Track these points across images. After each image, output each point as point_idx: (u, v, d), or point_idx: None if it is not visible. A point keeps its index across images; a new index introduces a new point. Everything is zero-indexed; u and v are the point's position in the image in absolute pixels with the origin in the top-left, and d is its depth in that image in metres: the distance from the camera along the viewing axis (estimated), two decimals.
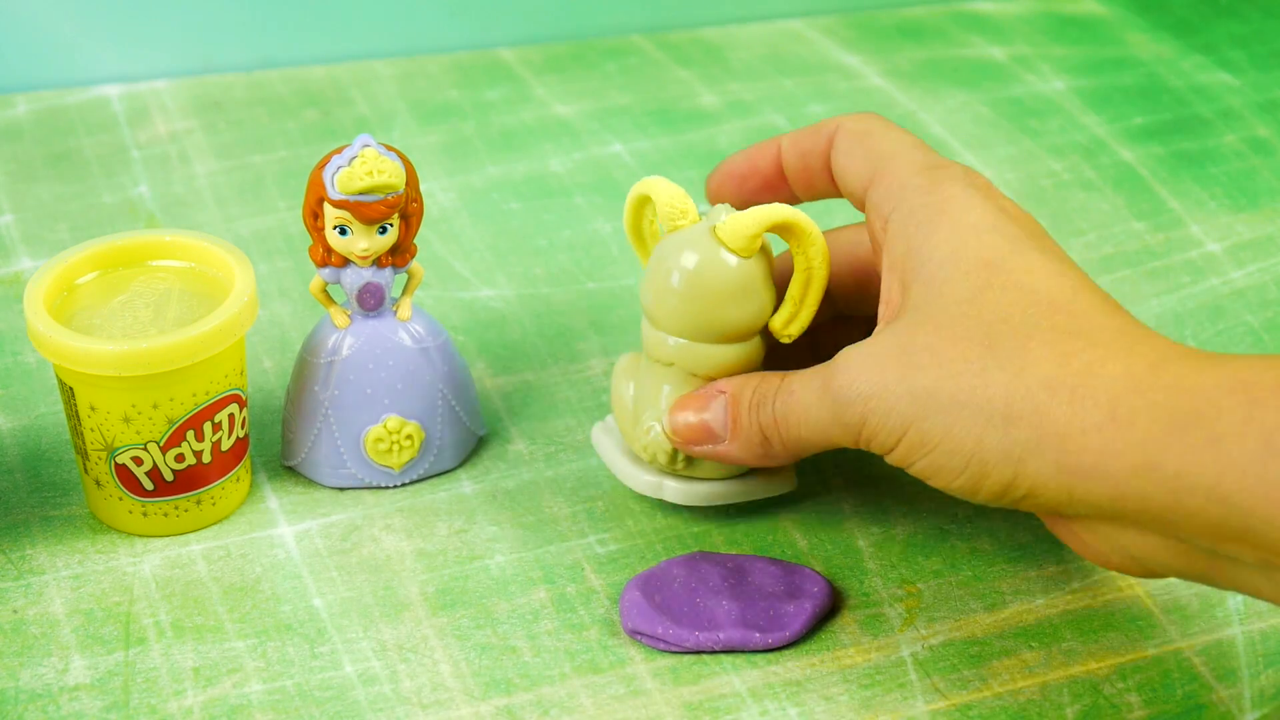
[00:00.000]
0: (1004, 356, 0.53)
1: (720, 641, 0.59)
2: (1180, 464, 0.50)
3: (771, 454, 0.60)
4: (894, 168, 0.60)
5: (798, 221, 0.60)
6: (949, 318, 0.55)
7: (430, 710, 0.58)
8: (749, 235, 0.60)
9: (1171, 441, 0.50)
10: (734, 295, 0.60)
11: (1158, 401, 0.51)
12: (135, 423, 0.62)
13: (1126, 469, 0.51)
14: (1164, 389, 0.51)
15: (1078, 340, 0.53)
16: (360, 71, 0.94)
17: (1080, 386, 0.52)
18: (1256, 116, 0.90)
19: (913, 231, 0.58)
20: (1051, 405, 0.52)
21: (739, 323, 0.61)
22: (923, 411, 0.54)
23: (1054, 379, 0.52)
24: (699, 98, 0.92)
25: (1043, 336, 0.53)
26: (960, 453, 0.54)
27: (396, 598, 0.62)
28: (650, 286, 0.61)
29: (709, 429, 0.60)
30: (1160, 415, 0.50)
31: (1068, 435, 0.52)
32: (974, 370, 0.54)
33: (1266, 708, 0.58)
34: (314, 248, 0.64)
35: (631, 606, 0.60)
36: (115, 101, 0.91)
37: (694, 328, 0.61)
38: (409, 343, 0.65)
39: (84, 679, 0.59)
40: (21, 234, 0.81)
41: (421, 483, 0.67)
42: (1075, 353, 0.53)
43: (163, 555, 0.64)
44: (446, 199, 0.83)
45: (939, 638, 0.60)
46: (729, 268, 0.60)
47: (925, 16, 1.00)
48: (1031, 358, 0.53)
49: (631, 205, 0.63)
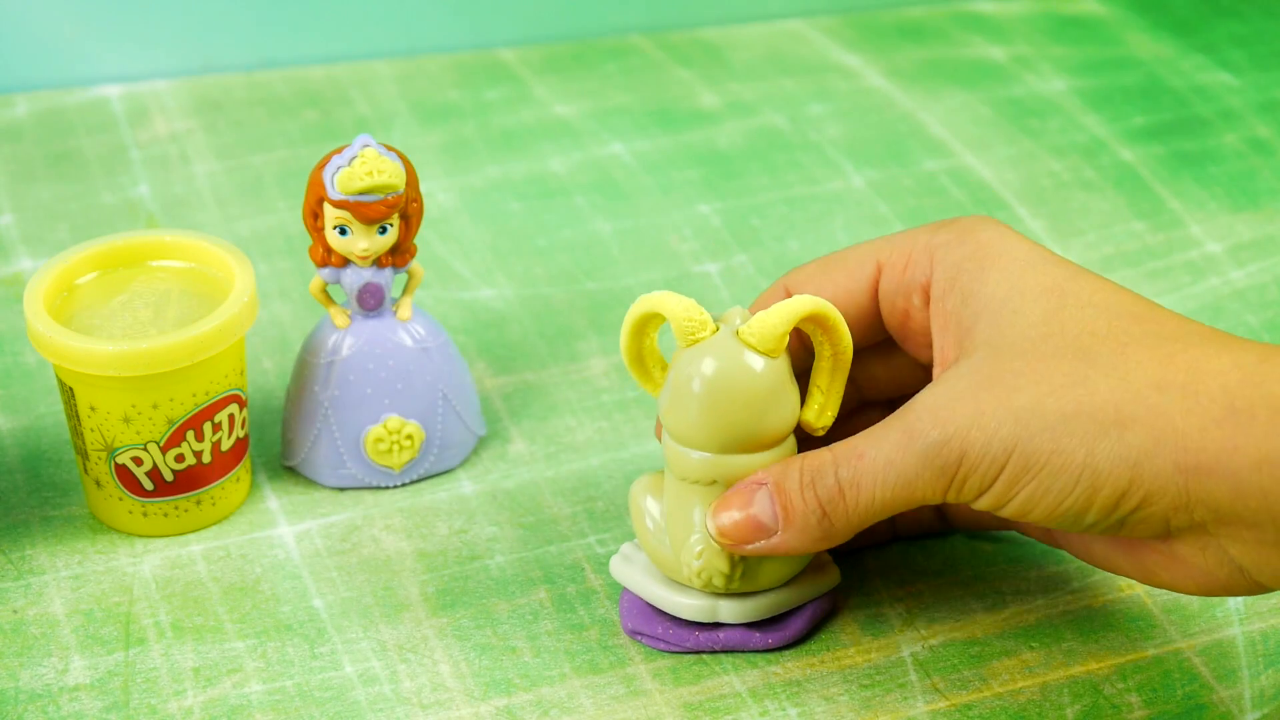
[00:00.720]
0: (1104, 365, 0.52)
1: (720, 642, 0.59)
2: None
3: (831, 532, 0.56)
4: (898, 250, 0.58)
5: (826, 312, 0.57)
6: (1030, 341, 0.53)
7: (430, 710, 0.58)
8: (778, 335, 0.56)
9: None
10: (768, 399, 0.56)
11: (1276, 393, 0.50)
12: (135, 423, 0.62)
13: (1249, 464, 0.50)
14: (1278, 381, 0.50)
15: (1175, 343, 0.52)
16: (360, 71, 0.94)
17: (1192, 383, 0.51)
18: (1256, 116, 0.90)
19: (964, 282, 0.56)
20: (1166, 404, 0.51)
21: (775, 426, 0.57)
22: (1027, 431, 0.52)
23: (1163, 379, 0.51)
24: (699, 98, 0.92)
25: (1138, 342, 0.52)
26: (1070, 468, 0.52)
27: (396, 598, 0.62)
28: (674, 404, 0.57)
29: (758, 523, 0.56)
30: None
31: (1186, 433, 0.51)
32: (1075, 381, 0.52)
33: (1267, 708, 0.58)
34: (314, 248, 0.64)
35: (631, 606, 0.60)
36: (115, 101, 0.91)
37: (728, 440, 0.56)
38: (409, 343, 0.65)
39: (84, 679, 0.59)
40: (21, 234, 0.81)
41: (421, 483, 0.67)
42: (1176, 353, 0.52)
43: (163, 555, 0.64)
44: (446, 199, 0.83)
45: (939, 638, 0.60)
46: (758, 372, 0.56)
47: (925, 17, 1.00)
48: (1133, 362, 0.52)
49: (632, 324, 0.58)
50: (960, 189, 0.84)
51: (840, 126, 0.89)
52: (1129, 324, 0.53)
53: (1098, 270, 0.78)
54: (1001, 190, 0.84)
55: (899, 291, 0.58)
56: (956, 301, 0.56)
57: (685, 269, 0.79)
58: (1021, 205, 0.83)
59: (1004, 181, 0.85)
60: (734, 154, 0.87)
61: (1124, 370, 0.52)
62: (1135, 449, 0.51)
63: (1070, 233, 0.81)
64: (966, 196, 0.84)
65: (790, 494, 0.56)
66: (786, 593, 0.59)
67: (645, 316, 0.57)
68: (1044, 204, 0.83)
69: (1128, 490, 0.51)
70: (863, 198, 0.84)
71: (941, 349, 0.57)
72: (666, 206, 0.83)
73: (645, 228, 0.81)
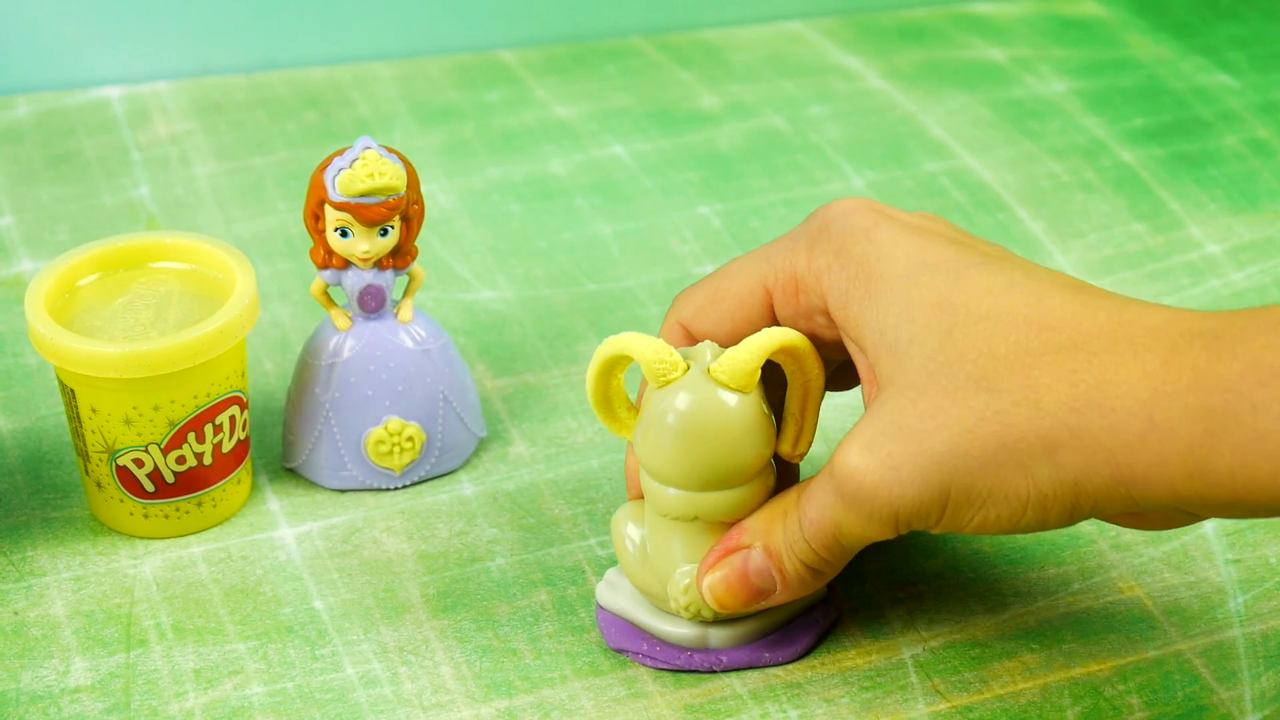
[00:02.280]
0: (1013, 393, 0.52)
1: (723, 664, 0.59)
2: (1232, 464, 0.49)
3: (825, 578, 0.57)
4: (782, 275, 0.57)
5: (795, 343, 0.56)
6: (930, 375, 0.53)
7: (431, 712, 0.58)
8: (749, 371, 0.56)
9: (1217, 444, 0.49)
10: (743, 435, 0.56)
11: (1191, 403, 0.50)
12: (136, 425, 0.62)
13: (1180, 474, 0.50)
14: (1191, 388, 0.50)
15: (1077, 353, 0.52)
16: (360, 73, 0.94)
17: (1106, 401, 0.51)
18: (1256, 118, 0.90)
19: (856, 312, 0.55)
20: (1086, 426, 0.51)
21: (751, 460, 0.56)
22: (956, 473, 0.52)
23: (1076, 400, 0.51)
24: (699, 99, 0.92)
25: (1040, 361, 0.52)
26: (1016, 495, 0.52)
27: (397, 600, 0.62)
28: (649, 443, 0.56)
29: (758, 590, 0.56)
30: (1198, 417, 0.50)
31: (1114, 450, 0.51)
32: (988, 417, 0.52)
33: (1267, 709, 0.58)
34: (315, 250, 0.64)
35: (609, 625, 0.60)
36: (116, 103, 0.91)
37: (706, 477, 0.56)
38: (410, 345, 0.65)
39: (85, 681, 0.59)
40: (22, 236, 0.81)
41: (422, 485, 0.67)
42: (1081, 368, 0.51)
43: (163, 557, 0.64)
44: (447, 201, 0.84)
45: (939, 640, 0.60)
46: (732, 409, 0.56)
47: (925, 18, 1.00)
48: (1041, 386, 0.51)
49: (599, 367, 0.57)
50: (960, 190, 0.84)
51: (840, 128, 0.89)
52: (1026, 337, 0.52)
53: (1098, 273, 0.78)
54: (1001, 192, 0.84)
55: (799, 316, 0.58)
56: (855, 331, 0.55)
57: (685, 270, 0.79)
58: (1021, 207, 0.83)
59: (1004, 183, 0.85)
60: (734, 155, 0.87)
61: (1034, 397, 0.51)
62: (1071, 470, 0.51)
63: (1070, 234, 0.81)
64: (966, 198, 0.84)
65: (782, 559, 0.56)
66: (778, 612, 0.59)
67: (613, 359, 0.57)
68: (1044, 205, 0.83)
69: (1075, 504, 0.52)
70: None
71: (861, 367, 0.56)
72: (667, 208, 0.83)
73: (646, 229, 0.81)
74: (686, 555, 0.57)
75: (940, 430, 0.52)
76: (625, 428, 0.58)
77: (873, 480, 0.53)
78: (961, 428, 0.52)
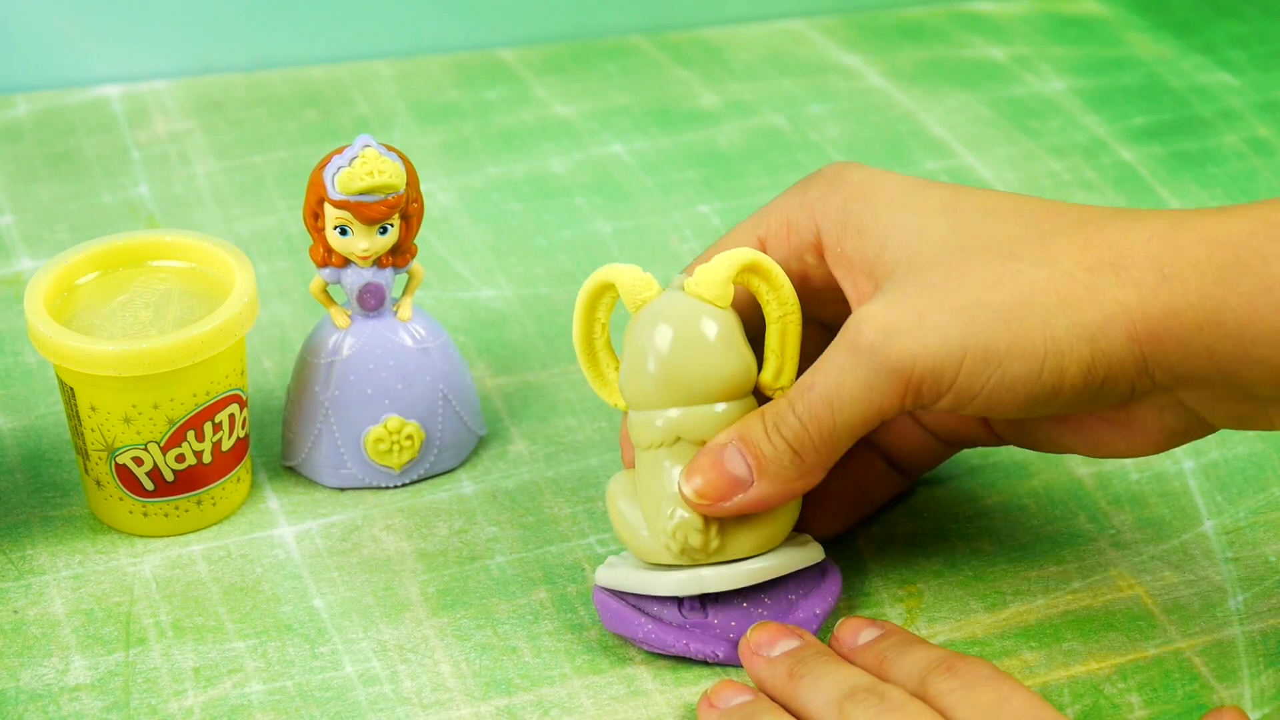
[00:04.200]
0: (1031, 258, 0.53)
1: (719, 658, 0.59)
2: (1241, 316, 0.51)
3: (805, 469, 0.56)
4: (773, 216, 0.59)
5: (762, 261, 0.58)
6: (948, 250, 0.54)
7: (431, 710, 0.58)
8: (721, 281, 0.58)
9: (1228, 295, 0.51)
10: (719, 345, 0.57)
11: (1201, 257, 0.52)
12: (136, 423, 0.62)
13: (1191, 327, 0.52)
14: (1200, 243, 0.52)
15: (1089, 225, 0.54)
16: (360, 71, 0.94)
17: (1120, 260, 0.53)
18: (1256, 117, 0.90)
19: (855, 222, 0.56)
20: (1101, 283, 0.53)
21: (730, 376, 0.58)
22: (976, 325, 0.53)
23: (1090, 261, 0.53)
24: (699, 98, 0.92)
25: (1056, 233, 0.54)
26: (1034, 351, 0.53)
27: (397, 598, 0.62)
28: (631, 370, 0.58)
29: (732, 478, 0.56)
30: (1209, 269, 0.51)
31: (1129, 304, 0.52)
32: (1008, 276, 0.53)
33: (1267, 708, 0.58)
34: (314, 248, 0.64)
35: (607, 608, 0.59)
36: (115, 102, 0.91)
37: (686, 389, 0.57)
38: (409, 343, 0.65)
39: (84, 679, 0.59)
40: (21, 234, 0.81)
41: (422, 483, 0.67)
42: (1094, 235, 0.53)
43: (163, 555, 0.64)
44: (447, 199, 0.84)
45: (940, 638, 0.60)
46: (706, 317, 0.58)
47: (925, 17, 1.00)
48: (1058, 250, 0.53)
49: (585, 298, 0.59)
50: None
51: (840, 127, 0.89)
52: (1039, 219, 0.55)
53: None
54: (1001, 190, 0.84)
55: (791, 257, 0.59)
56: (855, 241, 0.56)
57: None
58: None
59: (1004, 181, 0.85)
60: (734, 154, 0.87)
61: (1051, 258, 0.53)
62: (1089, 325, 0.53)
63: None
64: None
65: (758, 443, 0.56)
66: (771, 560, 0.59)
67: (597, 290, 0.59)
68: None
69: (1091, 364, 0.53)
70: None
71: (855, 288, 0.57)
72: (666, 207, 0.83)
73: (645, 228, 0.81)
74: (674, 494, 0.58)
75: (963, 288, 0.53)
76: (607, 386, 0.60)
77: (895, 324, 0.53)
78: (983, 285, 0.53)
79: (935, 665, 0.53)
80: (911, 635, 0.56)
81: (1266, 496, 0.66)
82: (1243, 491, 0.66)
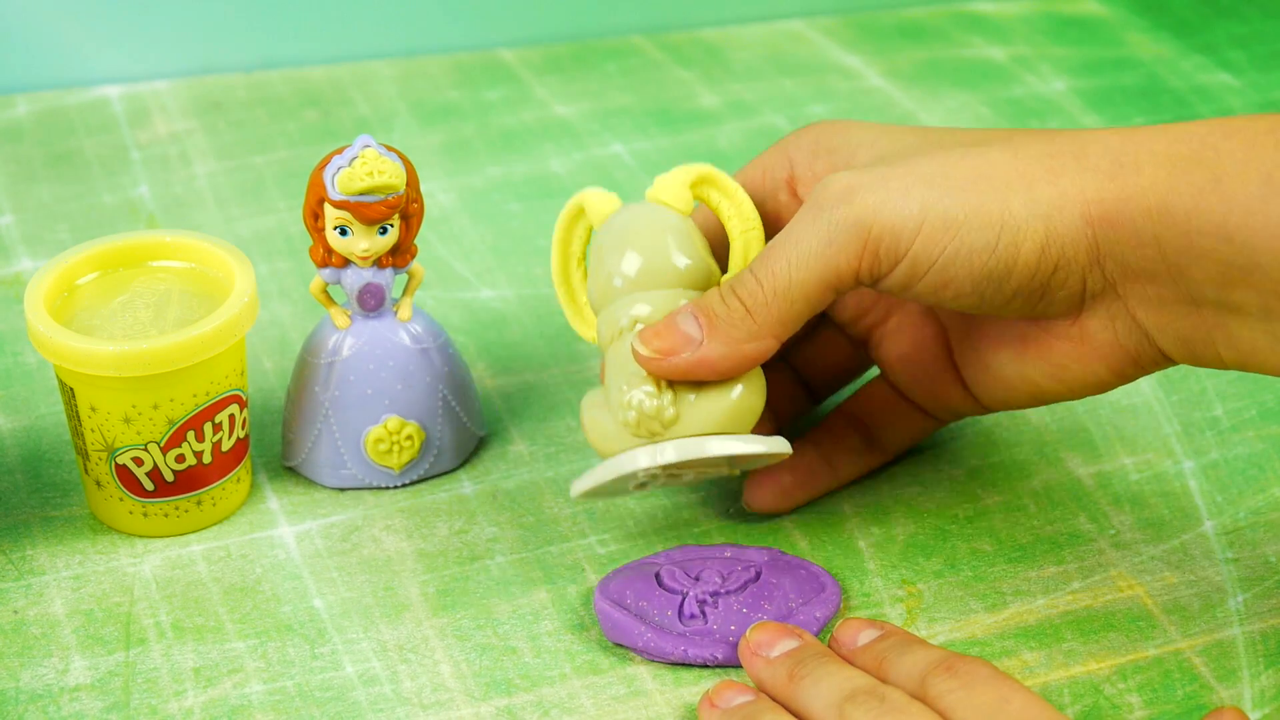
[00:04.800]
0: (995, 147, 0.56)
1: (718, 660, 0.59)
2: (1189, 205, 0.53)
3: (756, 330, 0.57)
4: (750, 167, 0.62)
5: (720, 176, 0.61)
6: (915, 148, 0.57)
7: (431, 711, 0.58)
8: (680, 184, 0.61)
9: (1177, 184, 0.53)
10: (678, 233, 0.60)
11: (1159, 150, 0.54)
12: (136, 423, 0.62)
13: (1141, 212, 0.53)
14: (1162, 138, 0.54)
15: (1053, 133, 0.56)
16: (360, 72, 0.94)
17: (1080, 150, 0.55)
18: None
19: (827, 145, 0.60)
20: (1060, 166, 0.55)
21: (688, 264, 0.60)
22: (937, 192, 0.55)
23: (1052, 150, 0.55)
24: (699, 98, 0.92)
25: (1022, 134, 0.56)
26: (990, 223, 0.55)
27: (397, 598, 0.62)
28: (596, 267, 0.61)
29: (683, 334, 0.57)
30: (1164, 161, 0.53)
31: (1084, 186, 0.54)
32: (973, 155, 0.55)
33: (1267, 708, 0.58)
34: (314, 248, 0.64)
35: (608, 618, 0.60)
36: (115, 102, 0.91)
37: (645, 273, 0.59)
38: (409, 343, 0.65)
39: (84, 679, 0.59)
40: (22, 234, 0.81)
41: (422, 483, 0.67)
42: (1059, 134, 0.56)
43: (163, 556, 0.64)
44: (447, 199, 0.84)
45: (940, 638, 0.60)
46: (665, 209, 0.61)
47: (925, 17, 1.00)
48: (1021, 143, 0.56)
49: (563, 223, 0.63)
50: None
51: None
52: (1007, 132, 0.57)
53: None
54: None
55: (766, 198, 0.61)
56: (825, 160, 0.59)
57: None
58: None
59: None
60: (734, 154, 0.87)
61: (1014, 149, 0.56)
62: (1044, 203, 0.55)
63: None
64: None
65: (712, 305, 0.57)
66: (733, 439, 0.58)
67: (571, 214, 0.63)
68: None
69: (1045, 243, 0.55)
70: None
71: None
72: None
73: None
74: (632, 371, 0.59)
75: (928, 162, 0.56)
76: (581, 315, 0.63)
77: (859, 183, 0.56)
78: (947, 160, 0.56)
79: (935, 666, 0.53)
80: (911, 636, 0.56)
81: (1266, 496, 0.66)
82: (1243, 491, 0.66)
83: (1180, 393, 0.71)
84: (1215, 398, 0.70)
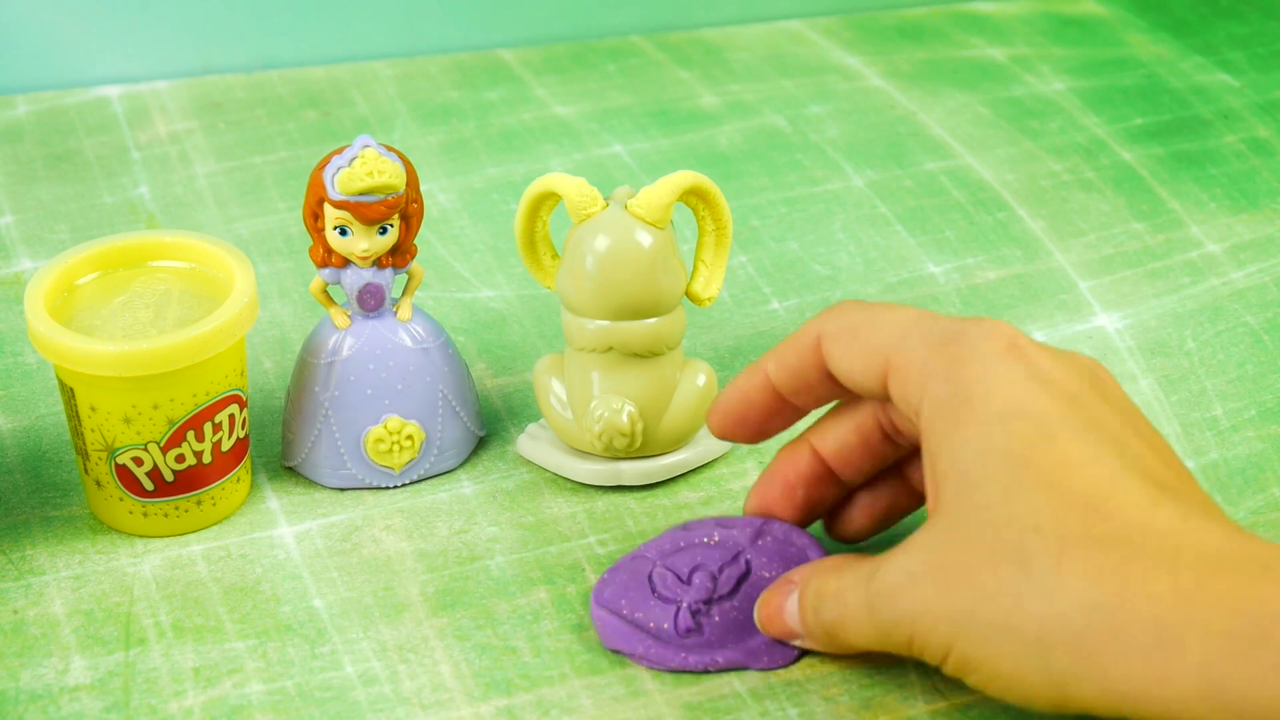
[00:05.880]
0: (1037, 577, 0.51)
1: (719, 665, 0.59)
2: (1247, 689, 0.48)
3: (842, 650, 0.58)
4: (906, 356, 0.57)
5: (705, 185, 0.63)
6: (979, 528, 0.53)
7: (430, 711, 0.58)
8: (664, 205, 0.62)
9: (1233, 667, 0.48)
10: (656, 267, 0.62)
11: (1212, 622, 0.49)
12: (135, 423, 0.62)
13: (1180, 695, 0.49)
14: (1217, 608, 0.49)
15: (1115, 552, 0.50)
16: (360, 72, 0.94)
17: (1121, 608, 0.50)
18: (1256, 117, 0.90)
19: (940, 427, 0.55)
20: (1088, 632, 0.50)
21: (663, 294, 0.63)
22: (963, 634, 0.53)
23: (1091, 602, 0.50)
24: (699, 98, 0.92)
25: (1076, 551, 0.51)
26: (1001, 676, 0.52)
27: (397, 598, 0.62)
28: (570, 277, 0.63)
29: (790, 630, 0.58)
30: (1217, 637, 0.48)
31: (1109, 663, 0.50)
32: (1007, 593, 0.51)
33: None
34: (314, 248, 0.64)
35: (606, 625, 0.59)
36: (115, 102, 0.91)
37: (621, 306, 0.63)
38: (409, 343, 0.65)
39: (84, 679, 0.59)
40: (22, 235, 0.81)
41: (422, 483, 0.67)
42: (1112, 568, 0.50)
43: (163, 556, 0.64)
44: (447, 199, 0.84)
45: None
46: (647, 242, 0.62)
47: (925, 17, 1.00)
48: (1066, 577, 0.51)
49: (528, 204, 0.64)
50: (960, 189, 0.84)
51: (840, 127, 0.89)
52: (1076, 519, 0.52)
53: (1098, 272, 0.78)
54: (1001, 191, 0.84)
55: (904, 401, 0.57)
56: (935, 447, 0.55)
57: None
58: (1021, 206, 0.83)
59: (1004, 182, 0.85)
60: (734, 154, 0.87)
61: (1055, 586, 0.51)
62: (1060, 671, 0.51)
63: (1070, 233, 0.81)
64: (966, 197, 0.84)
65: (807, 610, 0.58)
66: (685, 455, 0.66)
67: (540, 196, 0.64)
68: (1044, 204, 0.83)
69: (1061, 703, 0.52)
70: (862, 198, 0.84)
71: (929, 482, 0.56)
72: None
73: None
74: (601, 389, 0.64)
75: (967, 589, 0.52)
76: (546, 274, 0.65)
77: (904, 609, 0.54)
78: (984, 594, 0.52)
79: None
80: None
81: (1266, 496, 0.66)
82: (1243, 491, 0.66)
83: (1180, 393, 0.71)
84: (1215, 398, 0.70)
